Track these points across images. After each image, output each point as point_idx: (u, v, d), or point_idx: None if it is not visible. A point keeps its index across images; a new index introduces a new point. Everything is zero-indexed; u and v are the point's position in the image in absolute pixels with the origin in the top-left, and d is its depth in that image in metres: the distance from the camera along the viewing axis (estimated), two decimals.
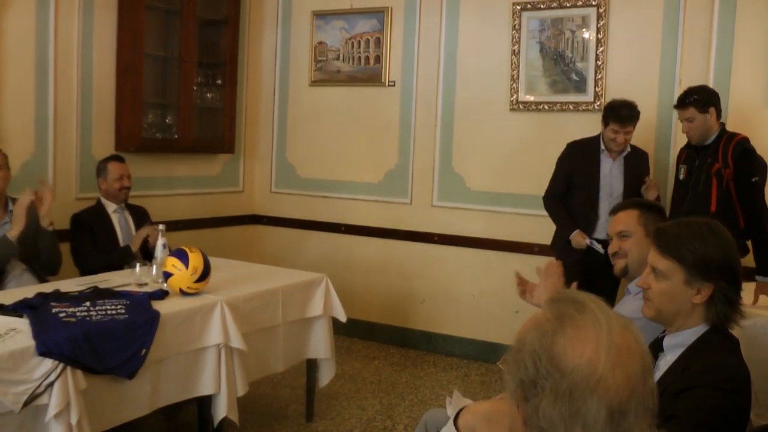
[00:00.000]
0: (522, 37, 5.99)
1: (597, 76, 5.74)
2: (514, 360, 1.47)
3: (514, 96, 6.03)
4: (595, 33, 5.75)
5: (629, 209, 3.35)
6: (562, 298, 1.51)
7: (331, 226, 6.97)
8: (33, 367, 3.09)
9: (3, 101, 5.30)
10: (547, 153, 5.85)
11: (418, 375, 5.94)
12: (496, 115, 6.14)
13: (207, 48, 6.72)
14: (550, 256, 5.87)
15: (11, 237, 4.42)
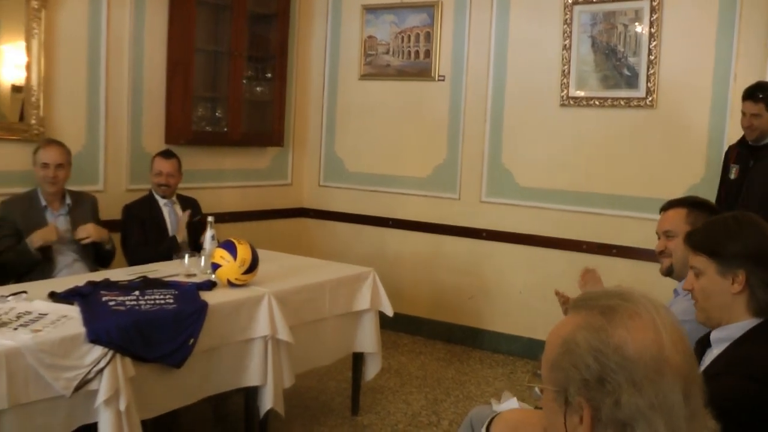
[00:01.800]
0: (573, 31, 5.91)
1: (649, 71, 5.64)
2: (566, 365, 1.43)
3: (565, 91, 5.96)
4: (648, 27, 5.64)
5: (678, 207, 3.29)
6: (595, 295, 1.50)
7: (379, 221, 6.97)
8: (83, 354, 3.14)
9: (56, 95, 5.39)
10: (597, 149, 5.81)
11: (464, 371, 5.92)
12: (546, 110, 6.08)
13: (257, 42, 6.76)
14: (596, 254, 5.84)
15: (32, 245, 4.46)
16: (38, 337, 3.04)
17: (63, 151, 4.73)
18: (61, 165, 4.67)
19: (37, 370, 2.97)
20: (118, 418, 3.18)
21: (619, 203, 5.79)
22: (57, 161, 4.66)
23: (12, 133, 5.16)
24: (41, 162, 4.65)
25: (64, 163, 4.70)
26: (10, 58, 5.22)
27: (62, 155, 4.70)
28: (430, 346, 6.52)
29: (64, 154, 4.73)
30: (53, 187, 4.68)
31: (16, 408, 2.94)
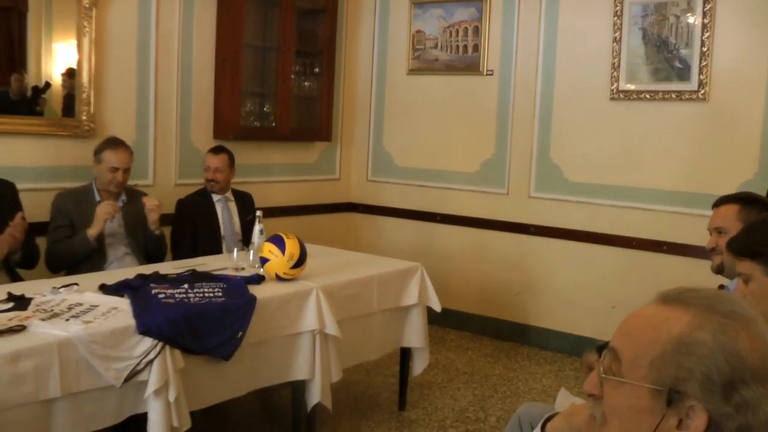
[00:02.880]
0: (624, 23, 5.81)
1: (702, 63, 5.54)
2: (686, 365, 1.32)
3: (615, 85, 5.87)
4: (701, 18, 5.52)
5: (730, 203, 3.23)
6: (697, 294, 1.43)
7: (427, 216, 6.94)
8: (133, 345, 3.18)
9: (105, 91, 5.45)
10: (648, 144, 5.73)
11: (512, 367, 5.89)
12: (596, 104, 6.00)
13: (305, 37, 6.78)
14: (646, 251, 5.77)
15: (90, 236, 4.52)
16: (89, 329, 3.07)
17: (130, 155, 4.81)
18: (128, 169, 4.75)
19: (89, 361, 3.01)
20: (167, 408, 3.22)
21: (670, 199, 5.70)
22: (126, 165, 4.74)
23: (63, 128, 5.24)
24: (111, 165, 4.68)
25: (130, 166, 4.78)
26: (61, 55, 5.32)
27: (130, 159, 4.79)
28: (477, 342, 6.50)
29: (131, 158, 4.80)
30: (118, 188, 4.76)
31: (68, 397, 2.98)
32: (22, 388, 2.80)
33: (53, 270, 4.57)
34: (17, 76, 5.15)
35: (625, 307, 5.63)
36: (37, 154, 5.14)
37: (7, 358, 2.77)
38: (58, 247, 4.53)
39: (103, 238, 4.68)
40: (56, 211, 4.64)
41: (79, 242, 4.51)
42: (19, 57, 5.22)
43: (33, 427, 2.91)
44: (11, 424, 2.82)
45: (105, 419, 3.17)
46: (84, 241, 4.50)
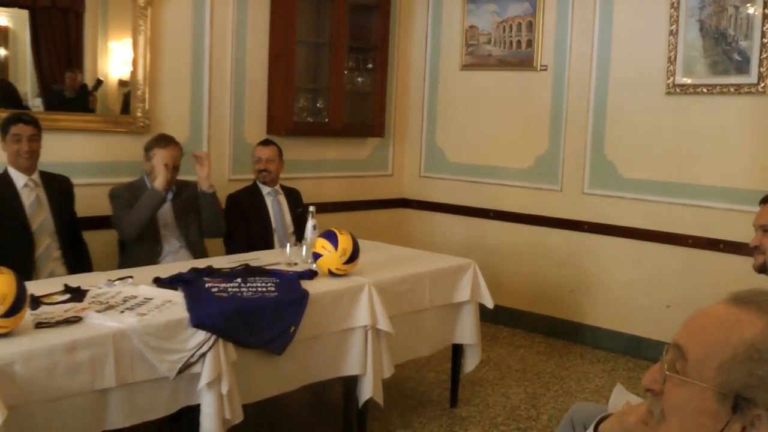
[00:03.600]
0: (680, 15, 5.68)
1: (762, 55, 5.38)
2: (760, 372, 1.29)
3: (671, 79, 5.75)
4: (761, 8, 5.35)
5: None
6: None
7: (480, 212, 6.91)
8: (187, 338, 3.21)
9: (160, 88, 5.54)
10: (705, 139, 5.62)
11: (564, 366, 5.83)
12: (651, 99, 5.88)
13: (358, 33, 6.79)
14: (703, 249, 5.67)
15: (156, 186, 4.60)
16: (144, 321, 3.11)
17: (181, 152, 4.86)
18: (177, 166, 4.80)
19: (143, 352, 3.04)
20: (220, 400, 3.24)
21: (728, 196, 5.57)
22: (176, 162, 4.80)
23: (118, 125, 5.35)
24: (163, 163, 4.72)
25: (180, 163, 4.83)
26: (117, 54, 5.44)
27: (180, 156, 4.84)
28: (529, 339, 6.45)
29: (181, 154, 4.85)
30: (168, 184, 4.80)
31: (123, 387, 3.02)
32: (78, 377, 2.85)
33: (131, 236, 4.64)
34: (71, 74, 5.25)
35: (679, 306, 5.61)
36: (92, 150, 5.24)
37: (64, 348, 2.82)
38: (130, 214, 4.60)
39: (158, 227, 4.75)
40: (116, 198, 4.70)
41: (149, 196, 4.59)
42: (75, 56, 5.32)
43: (89, 416, 2.96)
44: (68, 412, 2.87)
45: (158, 410, 3.20)
46: (153, 193, 4.58)
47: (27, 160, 4.33)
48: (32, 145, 4.33)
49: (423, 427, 4.60)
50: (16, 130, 4.29)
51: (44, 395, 2.77)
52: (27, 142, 4.30)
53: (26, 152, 4.30)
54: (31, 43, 5.16)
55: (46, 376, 2.76)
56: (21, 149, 4.29)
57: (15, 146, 4.29)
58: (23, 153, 4.29)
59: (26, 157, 4.31)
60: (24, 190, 4.36)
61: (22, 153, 4.29)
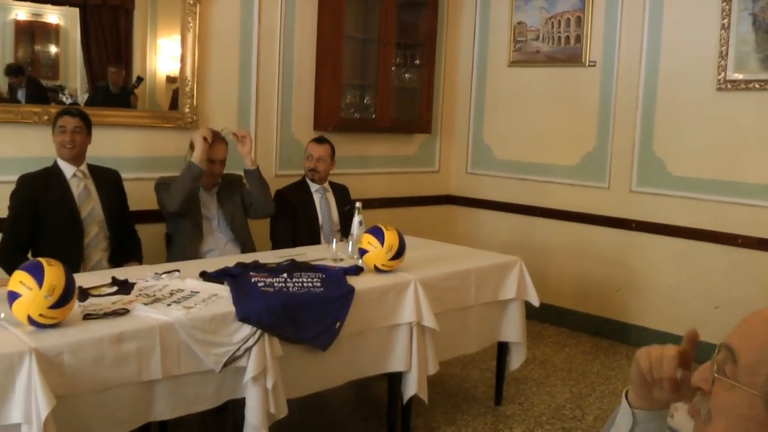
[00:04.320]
0: (733, 9, 5.55)
1: None
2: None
3: (722, 74, 5.64)
4: None
5: None
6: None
7: (527, 209, 6.87)
8: (233, 332, 3.22)
9: (208, 84, 5.60)
10: (756, 136, 5.51)
11: (610, 366, 5.77)
12: (702, 95, 5.78)
13: (406, 29, 6.78)
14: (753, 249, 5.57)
15: (195, 160, 4.64)
16: (190, 314, 3.13)
17: (226, 147, 4.89)
18: (223, 161, 4.84)
19: (189, 345, 3.07)
20: (264, 395, 3.25)
21: None
22: (221, 158, 4.84)
23: (166, 121, 5.41)
24: (209, 158, 4.77)
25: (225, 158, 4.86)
26: (165, 50, 5.51)
27: (225, 151, 4.88)
28: (575, 339, 6.40)
29: (226, 150, 4.88)
30: (214, 179, 4.85)
31: (169, 379, 3.05)
32: (125, 368, 2.88)
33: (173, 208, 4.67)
34: (114, 70, 5.32)
35: (728, 308, 5.53)
36: (140, 146, 5.31)
37: (111, 339, 2.85)
38: (170, 188, 4.66)
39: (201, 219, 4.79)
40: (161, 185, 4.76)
41: (187, 169, 4.63)
42: (125, 53, 5.39)
43: (135, 407, 2.99)
44: (115, 402, 2.91)
45: (204, 402, 3.23)
46: (191, 166, 4.62)
47: (70, 151, 4.40)
48: (75, 136, 4.40)
49: (467, 425, 4.58)
50: (61, 122, 4.38)
51: (92, 385, 2.81)
52: (70, 133, 4.38)
53: (69, 143, 4.38)
54: (81, 41, 5.25)
55: (93, 366, 2.79)
56: (64, 140, 4.37)
57: (60, 138, 4.39)
58: (66, 144, 4.38)
59: (69, 147, 4.38)
60: (73, 180, 4.43)
61: (65, 144, 4.38)
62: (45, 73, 5.23)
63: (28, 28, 5.12)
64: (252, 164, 4.94)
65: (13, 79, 4.98)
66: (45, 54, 5.23)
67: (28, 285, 2.75)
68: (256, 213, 5.03)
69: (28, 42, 5.13)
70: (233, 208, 4.93)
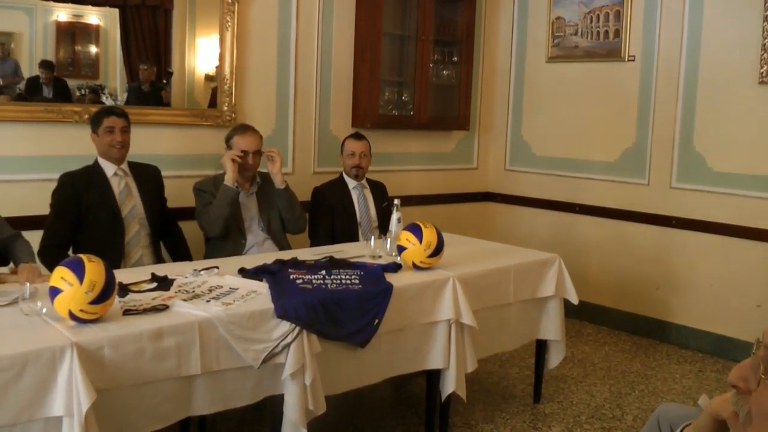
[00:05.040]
0: None
1: None
2: None
3: (765, 68, 5.53)
4: None
5: None
6: None
7: (565, 206, 6.83)
8: (271, 328, 3.23)
9: (246, 82, 5.64)
10: None
11: (650, 365, 5.72)
12: (743, 89, 5.69)
13: (444, 26, 6.77)
14: None
15: (227, 182, 4.63)
16: (229, 310, 3.14)
17: (259, 139, 4.89)
18: (257, 152, 4.83)
19: (228, 341, 3.08)
20: (303, 391, 3.26)
21: None
22: (254, 148, 4.82)
23: (205, 119, 5.47)
24: (241, 149, 4.78)
25: (259, 149, 4.86)
26: (204, 49, 5.56)
27: (258, 143, 4.87)
28: (614, 337, 6.35)
29: (260, 142, 4.88)
30: (249, 172, 4.85)
31: (208, 375, 3.07)
32: (165, 363, 2.91)
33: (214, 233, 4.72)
34: (144, 67, 5.38)
35: None
36: (179, 143, 5.36)
37: (151, 334, 2.87)
38: (208, 211, 4.67)
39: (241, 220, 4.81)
40: (199, 192, 4.79)
41: (222, 193, 4.63)
42: (164, 52, 5.44)
43: (174, 401, 3.01)
44: (154, 396, 2.93)
45: (242, 398, 3.24)
46: (226, 190, 4.61)
47: (119, 151, 4.45)
48: (124, 136, 4.46)
49: (505, 423, 4.56)
50: (109, 122, 4.41)
51: (132, 379, 2.83)
52: (120, 133, 4.43)
53: (119, 143, 4.42)
54: (120, 41, 5.31)
55: (133, 361, 2.82)
56: (114, 140, 4.41)
57: (108, 137, 4.41)
58: (116, 144, 4.41)
59: (118, 147, 4.43)
60: (114, 178, 4.48)
61: (114, 144, 4.41)
62: (85, 73, 5.30)
63: (69, 28, 5.19)
64: (281, 183, 4.91)
65: (43, 74, 5.04)
66: (85, 54, 5.30)
67: (69, 281, 2.79)
68: (289, 230, 5.03)
69: (69, 42, 5.20)
70: (270, 211, 4.94)
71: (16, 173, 4.74)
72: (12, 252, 3.89)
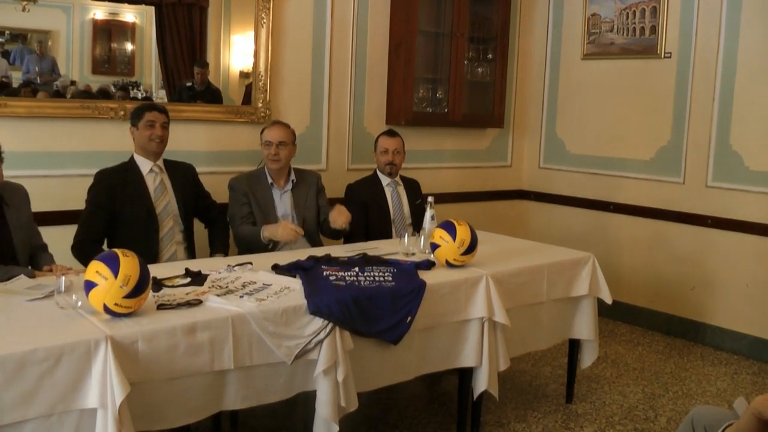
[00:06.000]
0: None
1: None
2: None
3: None
4: None
5: None
6: None
7: (600, 204, 6.78)
8: (304, 324, 3.25)
9: (281, 79, 5.67)
10: None
11: (684, 366, 5.66)
12: None
13: (479, 23, 6.74)
14: None
15: (264, 238, 4.58)
16: (262, 306, 3.16)
17: (285, 130, 4.89)
18: (282, 143, 4.82)
19: (261, 337, 3.10)
20: (335, 388, 3.27)
21: None
22: (278, 139, 4.81)
23: (240, 116, 5.49)
24: (265, 141, 4.83)
25: (286, 141, 4.85)
26: (239, 46, 5.59)
27: (284, 134, 4.86)
28: (648, 337, 6.29)
29: (286, 133, 4.87)
30: (275, 164, 4.84)
31: (240, 370, 3.09)
32: (197, 357, 2.93)
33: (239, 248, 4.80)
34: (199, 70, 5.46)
35: None
36: (214, 140, 5.39)
37: (184, 329, 2.90)
38: (243, 231, 4.71)
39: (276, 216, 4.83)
40: (234, 191, 4.82)
41: (255, 237, 4.61)
42: (199, 49, 5.49)
43: (207, 396, 3.04)
44: (187, 390, 2.96)
45: (275, 394, 3.26)
46: (257, 239, 4.59)
47: (158, 145, 4.49)
48: (164, 132, 4.50)
49: (537, 422, 4.54)
50: (150, 117, 4.45)
51: (165, 373, 2.86)
52: (160, 128, 4.47)
53: (159, 137, 4.46)
54: (156, 38, 5.37)
55: (167, 355, 2.85)
56: (154, 134, 4.45)
57: (148, 132, 4.45)
58: (155, 138, 4.45)
59: (158, 141, 4.47)
60: (149, 175, 4.51)
61: (154, 138, 4.45)
62: (120, 70, 5.35)
63: (106, 26, 5.24)
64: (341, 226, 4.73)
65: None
66: (121, 51, 5.35)
67: (104, 275, 2.82)
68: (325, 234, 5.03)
69: (106, 40, 5.26)
70: (306, 211, 4.95)
71: (53, 169, 4.79)
72: (37, 260, 3.94)
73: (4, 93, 4.75)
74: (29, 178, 4.34)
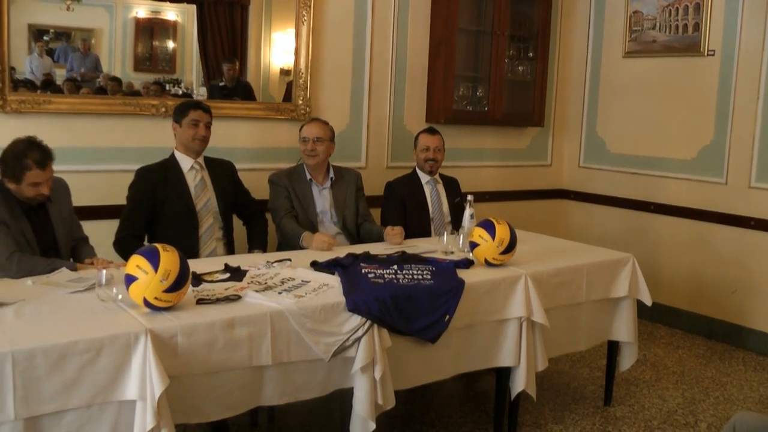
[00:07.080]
0: None
1: None
2: None
3: None
4: None
5: None
6: None
7: (640, 204, 6.71)
8: (342, 322, 3.25)
9: (321, 77, 5.69)
10: None
11: (725, 371, 5.58)
12: None
13: (519, 21, 6.71)
14: None
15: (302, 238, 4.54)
16: (301, 303, 3.17)
17: (322, 126, 4.90)
18: (319, 139, 4.83)
19: (299, 333, 3.11)
20: (372, 385, 3.27)
21: None
22: (315, 135, 4.83)
23: (280, 113, 5.53)
24: (302, 137, 4.86)
25: (323, 137, 4.86)
26: (280, 44, 5.63)
27: (321, 130, 4.87)
28: (688, 341, 6.22)
29: (323, 130, 4.89)
30: (312, 159, 4.86)
31: (278, 366, 3.10)
32: (236, 353, 2.95)
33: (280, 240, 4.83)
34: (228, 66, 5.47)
35: None
36: (254, 137, 5.43)
37: (224, 324, 2.92)
38: (286, 226, 4.71)
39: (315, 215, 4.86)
40: (274, 185, 4.86)
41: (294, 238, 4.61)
42: (240, 47, 5.52)
43: (245, 391, 3.06)
44: (225, 385, 2.98)
45: (312, 390, 3.27)
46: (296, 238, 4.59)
47: (201, 144, 4.53)
48: (207, 131, 4.55)
49: (575, 424, 4.51)
50: (195, 115, 4.48)
51: (204, 367, 2.89)
52: (203, 127, 4.51)
53: (202, 137, 4.50)
54: (197, 37, 5.41)
55: (206, 349, 2.87)
56: (197, 134, 4.48)
57: (192, 130, 4.48)
58: (199, 137, 4.49)
59: (200, 140, 4.51)
60: (190, 172, 4.54)
61: (198, 137, 4.49)
62: (162, 68, 5.41)
63: (148, 24, 5.31)
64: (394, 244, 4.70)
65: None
66: (163, 49, 5.41)
67: (145, 269, 2.85)
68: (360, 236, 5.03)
69: (148, 38, 5.32)
70: (345, 209, 4.97)
71: (94, 164, 4.86)
72: (78, 252, 4.01)
73: (49, 90, 4.83)
74: (72, 173, 4.40)
